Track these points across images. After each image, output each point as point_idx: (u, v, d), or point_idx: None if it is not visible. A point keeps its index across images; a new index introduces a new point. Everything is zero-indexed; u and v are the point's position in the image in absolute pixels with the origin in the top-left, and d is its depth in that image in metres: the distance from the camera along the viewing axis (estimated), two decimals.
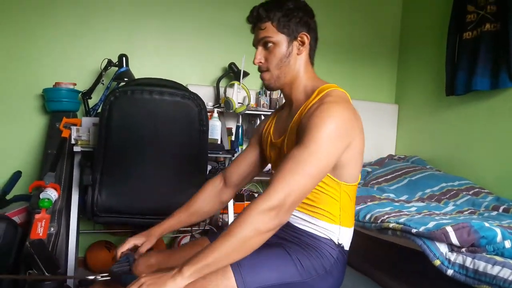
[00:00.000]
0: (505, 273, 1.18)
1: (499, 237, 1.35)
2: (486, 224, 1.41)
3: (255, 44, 1.25)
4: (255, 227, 0.98)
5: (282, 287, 1.11)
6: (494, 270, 1.21)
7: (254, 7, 1.22)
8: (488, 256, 1.30)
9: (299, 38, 1.21)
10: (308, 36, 1.23)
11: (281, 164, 1.06)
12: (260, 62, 1.23)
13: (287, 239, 1.22)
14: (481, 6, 2.48)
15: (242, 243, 0.98)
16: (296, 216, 1.22)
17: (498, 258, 1.27)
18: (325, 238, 1.19)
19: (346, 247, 1.24)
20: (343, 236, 1.21)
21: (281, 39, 1.20)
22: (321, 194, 1.18)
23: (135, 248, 1.32)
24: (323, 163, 1.05)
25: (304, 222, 1.21)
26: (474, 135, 2.62)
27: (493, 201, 2.16)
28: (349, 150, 1.14)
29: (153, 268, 1.26)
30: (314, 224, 1.19)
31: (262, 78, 1.26)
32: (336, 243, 1.19)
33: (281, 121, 1.30)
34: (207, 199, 1.42)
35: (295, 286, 1.13)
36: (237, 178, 1.41)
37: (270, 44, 1.20)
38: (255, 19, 1.22)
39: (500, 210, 2.00)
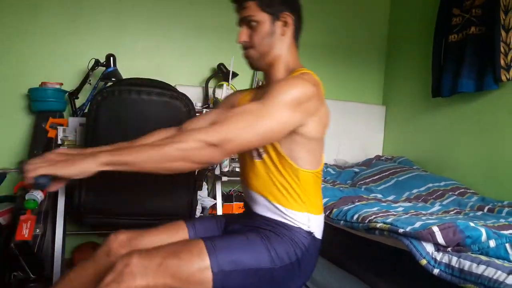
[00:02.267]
0: (489, 272, 1.20)
1: (484, 237, 1.37)
2: (472, 224, 1.43)
3: (239, 23, 1.26)
4: (186, 153, 0.99)
5: (254, 272, 1.11)
6: (479, 269, 1.23)
7: None
8: (473, 255, 1.32)
9: (282, 18, 1.23)
10: (292, 16, 1.24)
11: (233, 110, 1.08)
12: (245, 41, 1.25)
13: (262, 227, 1.22)
14: (467, 9, 2.52)
15: (164, 159, 0.98)
16: (263, 205, 1.24)
17: (483, 257, 1.29)
18: (296, 226, 1.20)
19: (318, 235, 1.25)
20: (313, 223, 1.22)
21: (264, 18, 1.21)
22: (280, 178, 1.19)
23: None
24: (273, 124, 1.07)
25: (272, 210, 1.22)
26: (460, 136, 2.66)
27: (478, 201, 2.19)
28: (304, 133, 1.15)
29: (124, 245, 1.23)
30: (282, 213, 1.20)
31: (246, 55, 1.28)
32: (307, 231, 1.20)
33: (258, 94, 1.31)
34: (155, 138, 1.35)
35: (266, 272, 1.13)
36: None
37: (253, 23, 1.22)
38: None
39: (485, 210, 2.03)
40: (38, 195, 1.88)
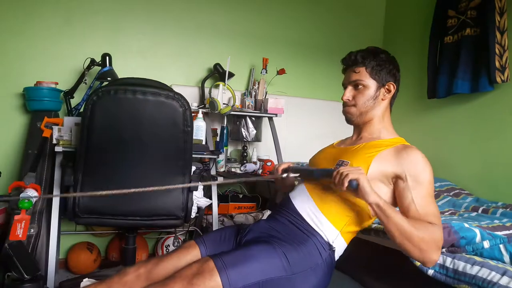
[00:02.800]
0: (483, 273, 1.20)
1: (478, 238, 1.38)
2: (466, 225, 1.44)
3: (346, 84, 1.44)
4: (423, 248, 1.13)
5: (266, 283, 1.14)
6: (473, 270, 1.24)
7: (351, 52, 1.42)
8: (468, 256, 1.32)
9: (386, 86, 1.41)
10: (394, 85, 1.44)
11: (428, 208, 1.21)
12: (348, 100, 1.42)
13: (278, 236, 1.26)
14: (462, 11, 2.53)
15: (408, 237, 1.12)
16: (305, 204, 1.31)
17: (477, 258, 1.30)
18: (320, 235, 1.25)
19: (336, 254, 1.29)
20: (338, 243, 1.28)
21: (371, 83, 1.39)
22: (347, 204, 1.27)
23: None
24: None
25: (312, 212, 1.29)
26: (455, 137, 2.67)
27: (473, 202, 2.20)
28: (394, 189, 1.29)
29: (142, 278, 1.26)
30: (317, 219, 1.27)
31: (346, 111, 1.44)
32: (329, 244, 1.25)
33: (345, 142, 1.51)
34: None
35: (278, 281, 1.15)
36: None
37: (360, 86, 1.39)
38: (351, 63, 1.41)
39: (480, 211, 2.04)
40: (33, 194, 1.86)
